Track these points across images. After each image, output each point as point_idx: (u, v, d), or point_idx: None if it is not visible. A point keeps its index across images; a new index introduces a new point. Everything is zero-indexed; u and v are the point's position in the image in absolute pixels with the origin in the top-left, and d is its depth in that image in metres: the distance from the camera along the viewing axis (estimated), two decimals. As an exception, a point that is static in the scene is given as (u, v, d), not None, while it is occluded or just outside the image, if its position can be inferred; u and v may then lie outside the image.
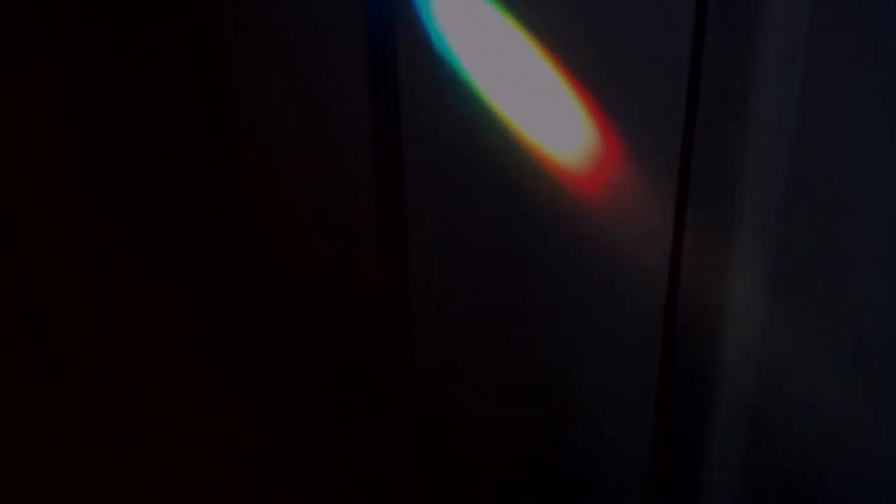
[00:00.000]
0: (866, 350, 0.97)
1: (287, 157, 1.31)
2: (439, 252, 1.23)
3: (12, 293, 1.73)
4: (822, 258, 0.95)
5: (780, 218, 0.96)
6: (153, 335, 1.65)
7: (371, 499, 1.52)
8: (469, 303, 1.23)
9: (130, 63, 1.39)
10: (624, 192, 1.04)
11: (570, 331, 1.16)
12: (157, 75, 1.38)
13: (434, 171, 1.18)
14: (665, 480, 1.18)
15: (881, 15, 0.84)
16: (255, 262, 1.44)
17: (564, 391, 1.21)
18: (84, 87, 1.46)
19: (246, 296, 1.49)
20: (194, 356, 1.62)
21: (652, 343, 1.10)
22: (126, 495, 1.64)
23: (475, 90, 1.10)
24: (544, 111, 1.06)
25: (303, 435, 1.55)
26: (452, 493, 1.41)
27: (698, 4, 0.91)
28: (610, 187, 1.05)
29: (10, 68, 1.52)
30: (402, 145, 1.19)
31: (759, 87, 0.92)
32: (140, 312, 1.64)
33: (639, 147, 1.01)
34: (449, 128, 1.14)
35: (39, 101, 1.52)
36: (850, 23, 0.85)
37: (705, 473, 1.15)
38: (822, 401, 1.02)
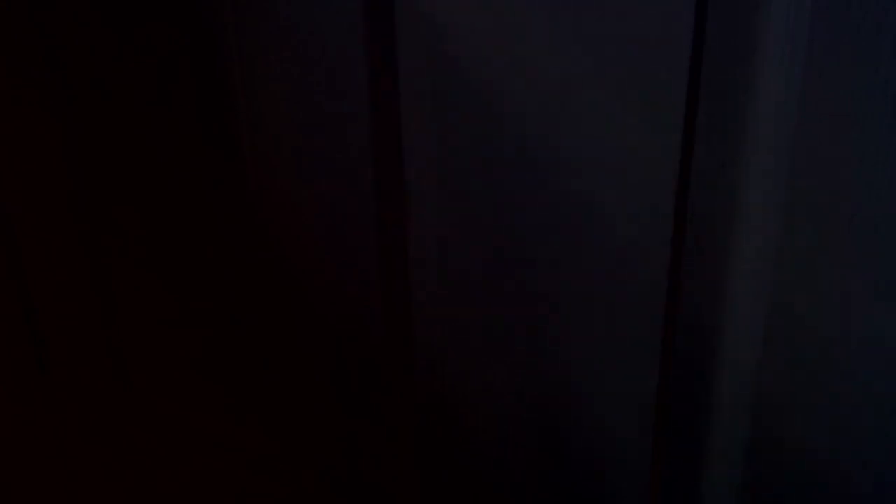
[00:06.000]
0: (867, 347, 0.97)
1: (287, 155, 1.31)
2: (439, 250, 1.23)
3: (12, 292, 1.73)
4: (822, 256, 0.95)
5: (780, 218, 0.96)
6: (153, 333, 1.65)
7: (371, 498, 1.52)
8: (469, 302, 1.23)
9: (130, 63, 1.39)
10: (624, 192, 1.04)
11: (570, 329, 1.16)
12: (156, 74, 1.38)
13: (435, 169, 1.18)
14: (665, 479, 1.18)
15: (881, 15, 0.83)
16: (254, 261, 1.44)
17: (564, 390, 1.21)
18: (84, 87, 1.46)
19: (245, 294, 1.49)
20: (194, 355, 1.62)
21: (652, 341, 1.10)
22: (126, 494, 1.64)
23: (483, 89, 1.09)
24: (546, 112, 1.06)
25: (303, 435, 1.55)
26: (452, 492, 1.41)
27: (698, 4, 0.91)
28: (610, 188, 1.05)
29: (11, 68, 1.52)
30: (403, 143, 1.19)
31: (759, 87, 0.92)
32: (140, 311, 1.64)
33: (639, 147, 1.01)
34: (452, 130, 1.14)
35: (39, 101, 1.52)
36: (851, 22, 0.85)
37: (705, 475, 1.15)
38: (823, 399, 1.02)
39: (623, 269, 1.08)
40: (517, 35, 1.04)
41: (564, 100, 1.04)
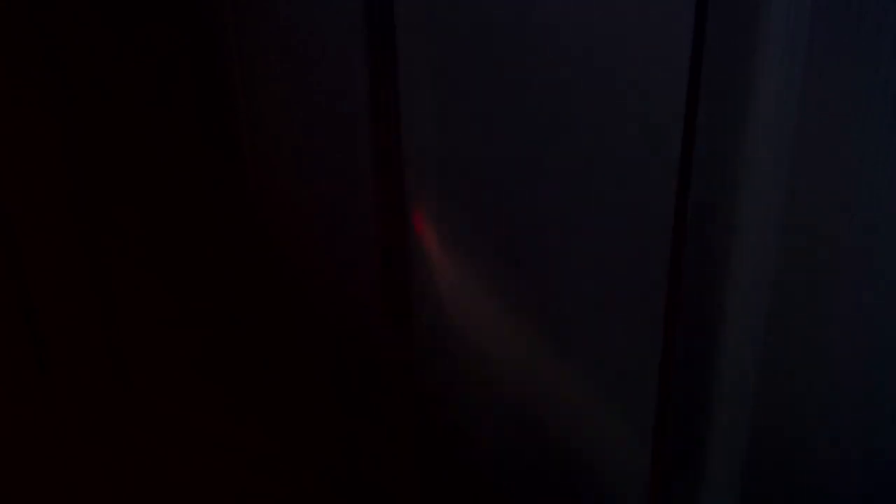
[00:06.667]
0: (867, 348, 0.97)
1: (287, 156, 1.31)
2: (440, 247, 1.23)
3: (12, 292, 1.73)
4: (822, 256, 0.95)
5: (780, 218, 0.96)
6: (153, 334, 1.65)
7: (371, 498, 1.52)
8: (470, 302, 1.23)
9: (130, 62, 1.39)
10: (624, 192, 1.04)
11: (570, 329, 1.16)
12: (156, 74, 1.38)
13: (435, 170, 1.18)
14: (665, 479, 1.18)
15: (881, 15, 0.83)
16: (255, 261, 1.44)
17: (565, 389, 1.21)
18: (83, 86, 1.46)
19: (245, 294, 1.49)
20: (194, 355, 1.62)
21: (652, 341, 1.10)
22: (126, 494, 1.64)
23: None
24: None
25: (303, 435, 1.55)
26: (452, 492, 1.41)
27: (698, 4, 0.91)
28: (610, 188, 1.05)
29: (10, 68, 1.52)
30: (403, 143, 1.19)
31: (760, 87, 0.92)
32: (140, 311, 1.64)
33: (639, 147, 1.01)
34: (453, 130, 1.14)
35: (39, 100, 1.52)
36: (851, 22, 0.85)
37: (705, 475, 1.15)
38: (824, 400, 1.02)
39: (623, 269, 1.08)
40: (517, 37, 1.04)
41: (564, 99, 1.04)
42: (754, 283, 1.01)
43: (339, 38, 1.17)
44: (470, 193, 1.16)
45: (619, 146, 1.02)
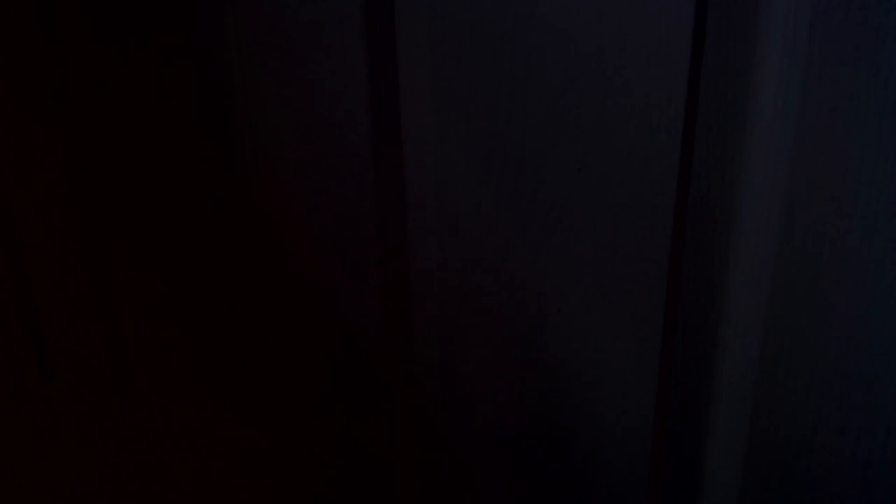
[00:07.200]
0: (867, 347, 0.97)
1: (287, 156, 1.31)
2: (440, 250, 1.23)
3: (12, 293, 1.73)
4: (822, 256, 0.95)
5: (780, 218, 0.96)
6: (153, 334, 1.65)
7: (371, 498, 1.52)
8: (470, 301, 1.23)
9: (130, 62, 1.39)
10: (624, 192, 1.04)
11: (571, 329, 1.16)
12: (157, 74, 1.38)
13: (434, 169, 1.18)
14: (665, 479, 1.18)
15: (881, 15, 0.83)
16: (255, 261, 1.44)
17: (565, 389, 1.21)
18: (83, 86, 1.46)
19: (246, 294, 1.49)
20: (194, 355, 1.62)
21: (652, 341, 1.10)
22: (126, 495, 1.64)
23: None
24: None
25: (303, 435, 1.55)
26: (452, 492, 1.41)
27: (698, 4, 0.91)
28: (610, 188, 1.05)
29: (9, 69, 1.52)
30: (403, 142, 1.19)
31: (760, 86, 0.92)
32: (140, 311, 1.64)
33: (639, 147, 1.01)
34: (453, 129, 1.14)
35: (39, 100, 1.52)
36: (851, 22, 0.85)
37: (705, 475, 1.15)
38: (823, 399, 1.02)
39: (623, 269, 1.08)
40: (517, 37, 1.04)
41: (564, 99, 1.04)
42: (754, 283, 1.01)
43: (339, 38, 1.17)
44: (470, 193, 1.16)
45: (620, 146, 1.02)
